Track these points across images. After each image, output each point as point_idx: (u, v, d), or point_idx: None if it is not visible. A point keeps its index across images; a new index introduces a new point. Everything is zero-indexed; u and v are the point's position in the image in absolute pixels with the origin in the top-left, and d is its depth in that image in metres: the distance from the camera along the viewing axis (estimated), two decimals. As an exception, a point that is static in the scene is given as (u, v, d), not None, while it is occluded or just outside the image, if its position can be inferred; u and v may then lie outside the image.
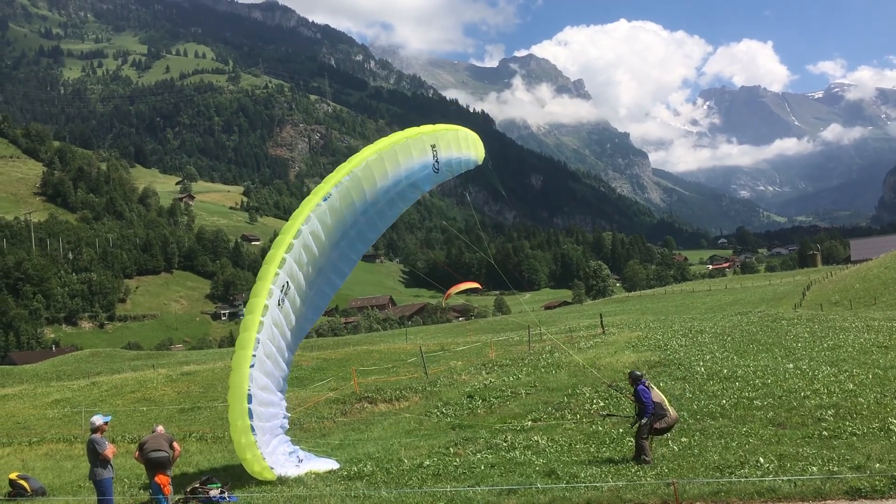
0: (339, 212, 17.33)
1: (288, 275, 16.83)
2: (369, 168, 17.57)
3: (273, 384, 17.52)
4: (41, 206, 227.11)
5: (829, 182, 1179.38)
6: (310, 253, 17.18)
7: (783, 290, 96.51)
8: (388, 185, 17.91)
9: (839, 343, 28.72)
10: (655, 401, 15.27)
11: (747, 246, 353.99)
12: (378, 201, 18.07)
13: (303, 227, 16.98)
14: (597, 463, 15.41)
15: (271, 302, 16.58)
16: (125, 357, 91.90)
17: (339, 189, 17.27)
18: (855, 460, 13.71)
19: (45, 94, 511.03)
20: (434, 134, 18.77)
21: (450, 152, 19.04)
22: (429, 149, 18.46)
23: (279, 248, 16.92)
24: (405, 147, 18.15)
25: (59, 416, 34.17)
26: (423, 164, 18.43)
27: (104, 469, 14.81)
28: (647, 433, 15.20)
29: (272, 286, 16.66)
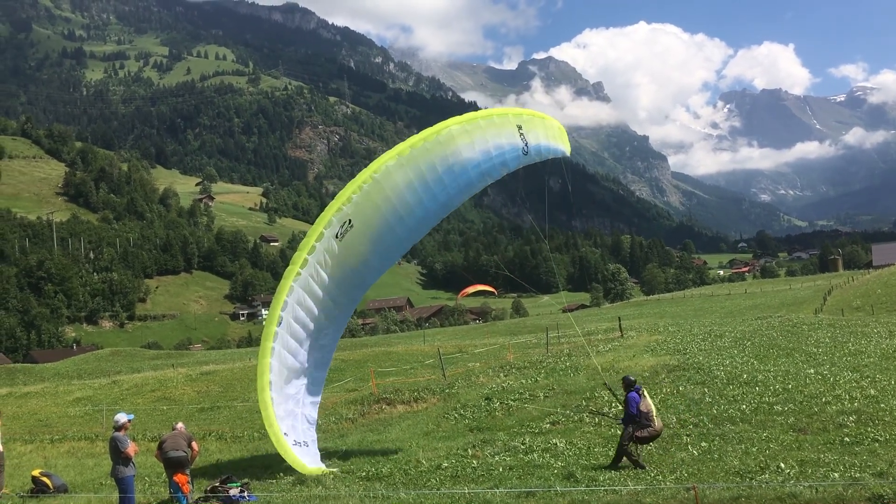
0: (414, 171, 17.12)
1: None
2: (453, 137, 17.36)
3: (295, 374, 17.58)
4: (63, 206, 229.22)
5: (850, 186, 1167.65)
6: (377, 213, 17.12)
7: (804, 294, 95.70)
8: (477, 158, 17.60)
9: (861, 348, 28.47)
10: (643, 410, 15.35)
11: (767, 250, 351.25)
12: (466, 172, 17.68)
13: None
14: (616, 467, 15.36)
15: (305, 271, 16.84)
16: (145, 356, 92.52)
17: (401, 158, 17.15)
18: (877, 466, 13.59)
19: (67, 95, 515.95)
20: (520, 116, 18.57)
21: (538, 138, 18.79)
22: (515, 129, 18.18)
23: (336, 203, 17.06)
24: (491, 123, 17.97)
25: (80, 414, 34.48)
26: (513, 145, 18.14)
27: (126, 467, 14.96)
28: (627, 440, 15.32)
29: (308, 256, 16.81)
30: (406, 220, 17.46)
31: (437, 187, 17.41)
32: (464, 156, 17.36)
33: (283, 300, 16.75)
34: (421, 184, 17.17)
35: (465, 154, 17.38)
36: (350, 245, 16.84)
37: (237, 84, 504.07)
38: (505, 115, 18.28)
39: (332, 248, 16.75)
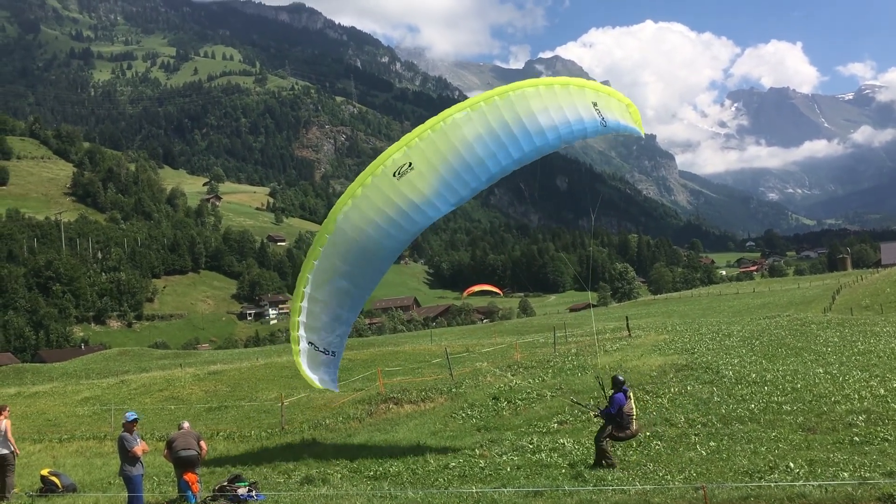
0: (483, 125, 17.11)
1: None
2: (526, 98, 17.32)
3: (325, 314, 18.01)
4: (71, 206, 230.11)
5: (859, 185, 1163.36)
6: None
7: (812, 293, 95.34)
8: (554, 122, 17.58)
9: (870, 348, 28.35)
10: (625, 412, 15.44)
11: (775, 249, 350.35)
12: (542, 134, 17.60)
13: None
14: (624, 466, 15.33)
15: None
16: (153, 356, 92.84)
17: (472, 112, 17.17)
18: (887, 466, 13.52)
19: (75, 95, 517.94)
20: (596, 93, 18.48)
21: (614, 116, 18.75)
22: (591, 105, 18.14)
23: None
24: (568, 92, 17.90)
25: (88, 413, 34.59)
26: (592, 118, 18.14)
27: (133, 466, 15.01)
28: (604, 438, 15.52)
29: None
30: (475, 171, 17.32)
31: (510, 143, 17.34)
32: (539, 119, 17.36)
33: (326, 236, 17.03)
34: (491, 138, 17.12)
35: (541, 118, 17.38)
36: (409, 183, 16.75)
37: (244, 84, 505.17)
38: (582, 88, 18.24)
39: (390, 185, 16.70)
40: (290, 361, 44.63)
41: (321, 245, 17.02)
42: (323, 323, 17.83)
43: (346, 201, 16.84)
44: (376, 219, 16.93)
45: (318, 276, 17.15)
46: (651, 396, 22.16)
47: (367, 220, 16.93)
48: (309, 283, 17.20)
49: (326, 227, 17.02)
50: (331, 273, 17.23)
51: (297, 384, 37.60)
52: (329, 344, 18.24)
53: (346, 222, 16.87)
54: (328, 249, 16.98)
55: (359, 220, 16.85)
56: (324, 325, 17.90)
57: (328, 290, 17.43)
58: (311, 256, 17.21)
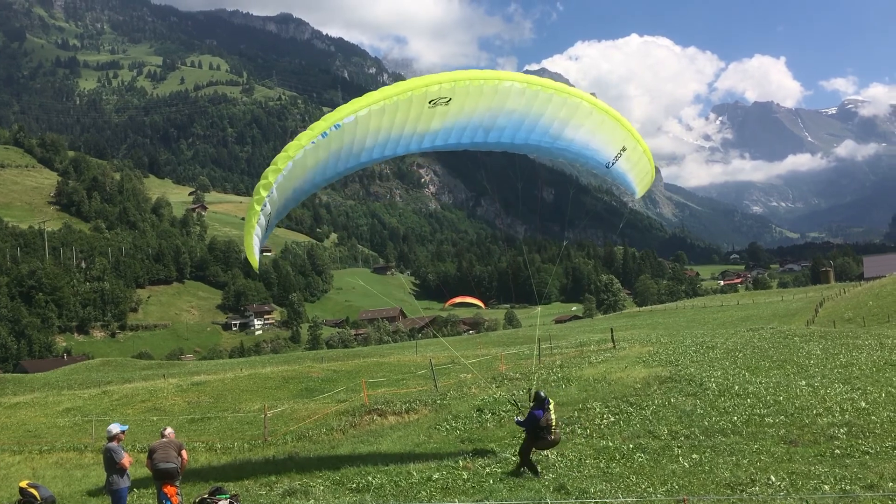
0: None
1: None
2: (571, 107, 17.58)
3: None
4: (55, 215, 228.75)
5: (842, 198, 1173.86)
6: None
7: (795, 306, 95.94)
8: (573, 136, 17.91)
9: (852, 361, 28.51)
10: (542, 424, 16.12)
11: (759, 262, 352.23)
12: (552, 140, 17.98)
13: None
14: (607, 479, 15.32)
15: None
16: (136, 366, 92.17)
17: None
18: (868, 479, 13.58)
19: (60, 104, 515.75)
20: (629, 138, 18.47)
21: (626, 168, 18.85)
22: (619, 147, 18.28)
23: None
24: (602, 122, 17.98)
25: (69, 424, 34.24)
26: (605, 153, 18.31)
27: (121, 478, 14.86)
28: (526, 447, 16.41)
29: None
30: (491, 134, 17.84)
31: (533, 128, 17.85)
32: (565, 131, 17.84)
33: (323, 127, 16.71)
34: (522, 117, 17.55)
35: (568, 130, 17.84)
36: (437, 113, 16.96)
37: (231, 94, 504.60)
38: (627, 131, 18.33)
39: (419, 107, 16.80)
40: (273, 372, 44.51)
41: (328, 126, 16.59)
42: (286, 195, 17.45)
43: (375, 103, 16.65)
44: (391, 129, 17.09)
45: (309, 156, 16.74)
46: (635, 408, 22.18)
47: (382, 129, 17.02)
48: (301, 155, 16.65)
49: (338, 116, 16.69)
50: (322, 156, 17.03)
51: (281, 395, 37.46)
52: (274, 216, 17.70)
53: (365, 122, 16.74)
54: (331, 136, 16.63)
55: (376, 125, 16.88)
56: (285, 197, 17.51)
57: (307, 172, 17.21)
58: (313, 130, 16.75)
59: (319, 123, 16.76)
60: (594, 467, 16.45)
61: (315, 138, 16.43)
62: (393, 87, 16.92)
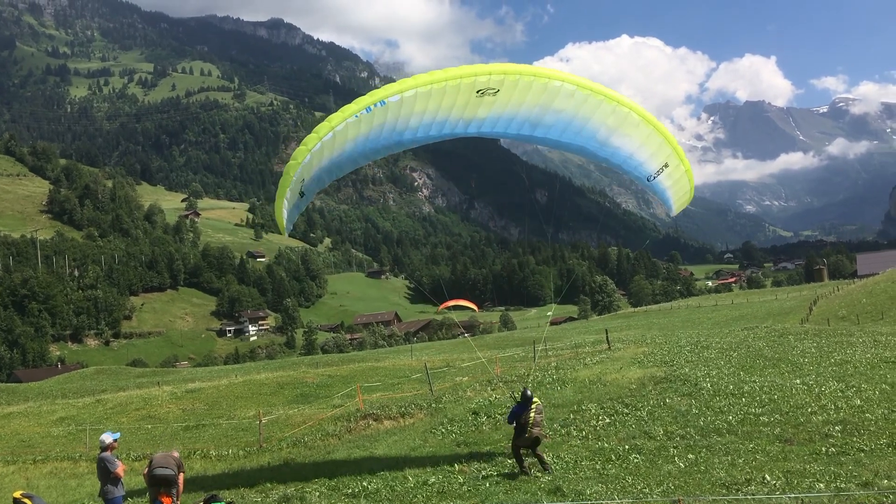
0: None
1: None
2: (621, 116, 17.64)
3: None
4: (47, 223, 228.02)
5: (834, 196, 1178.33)
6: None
7: (789, 304, 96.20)
8: (618, 143, 18.00)
9: (846, 358, 28.56)
10: (521, 422, 16.30)
11: (753, 261, 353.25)
12: (601, 145, 18.06)
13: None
14: (602, 480, 15.31)
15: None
16: (130, 374, 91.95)
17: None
18: (863, 477, 13.59)
19: (51, 112, 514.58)
20: (673, 154, 18.54)
21: (666, 184, 18.98)
22: (663, 161, 18.40)
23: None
24: (650, 134, 18.03)
25: (63, 433, 34.11)
26: (647, 165, 18.42)
27: (115, 487, 14.79)
28: (512, 447, 16.67)
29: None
30: (538, 129, 17.89)
31: (575, 129, 17.92)
32: (612, 138, 17.95)
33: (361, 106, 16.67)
34: (568, 115, 17.59)
35: (614, 138, 17.94)
36: (483, 103, 17.04)
37: (222, 100, 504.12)
38: (672, 148, 18.44)
39: (468, 95, 16.85)
40: (268, 378, 44.43)
41: (372, 102, 16.56)
42: (322, 166, 17.54)
43: (423, 85, 16.64)
44: (436, 113, 17.08)
45: (350, 128, 16.79)
46: (630, 409, 22.17)
47: (427, 111, 17.01)
48: (342, 126, 16.72)
49: (385, 93, 16.73)
50: (363, 130, 17.02)
51: (276, 401, 37.38)
52: (308, 187, 17.83)
53: (410, 102, 16.71)
54: (376, 111, 16.60)
55: (422, 107, 16.86)
56: (322, 167, 17.61)
57: (345, 143, 17.23)
58: (357, 104, 16.71)
59: (364, 98, 16.78)
60: (590, 469, 16.44)
61: (358, 112, 16.47)
62: (442, 72, 16.96)
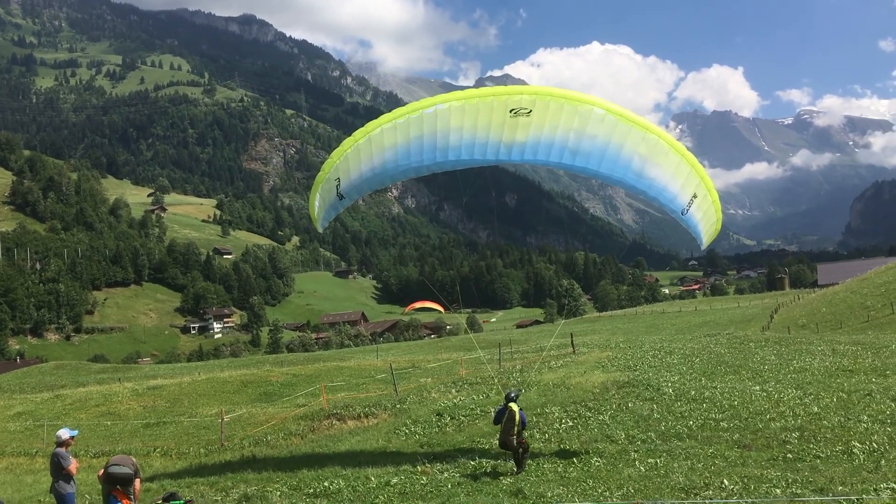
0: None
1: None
2: (651, 143, 17.57)
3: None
4: (9, 215, 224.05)
5: (797, 207, 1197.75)
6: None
7: (751, 312, 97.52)
8: (651, 174, 17.83)
9: (805, 366, 29.02)
10: (500, 423, 16.60)
11: (717, 268, 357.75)
12: (635, 176, 17.86)
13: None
14: (564, 483, 15.39)
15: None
16: (91, 370, 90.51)
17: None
18: (818, 483, 13.81)
19: (16, 102, 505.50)
20: (701, 184, 18.27)
21: (697, 217, 18.67)
22: (691, 194, 18.13)
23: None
24: (679, 165, 17.90)
25: (20, 429, 33.56)
26: (679, 197, 18.22)
27: (67, 483, 14.57)
28: (500, 446, 16.85)
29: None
30: (578, 158, 17.64)
31: (613, 166, 17.74)
32: (646, 169, 17.73)
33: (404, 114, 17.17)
34: (603, 144, 17.43)
35: (648, 168, 17.72)
36: (517, 124, 17.00)
37: (192, 95, 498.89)
38: (700, 178, 18.27)
39: (501, 114, 16.93)
40: (231, 376, 44.07)
41: (408, 114, 17.10)
42: (359, 170, 17.92)
43: (457, 101, 17.01)
44: (469, 130, 17.12)
45: (387, 135, 17.29)
46: (592, 413, 22.32)
47: (461, 128, 17.11)
48: (378, 132, 17.35)
49: (422, 105, 17.18)
50: (399, 140, 17.31)
51: (240, 400, 37.08)
52: (347, 190, 18.36)
53: (445, 116, 16.98)
54: (412, 122, 17.06)
55: (456, 122, 17.02)
56: (359, 172, 17.98)
57: (385, 151, 17.55)
58: (394, 115, 17.36)
59: (401, 109, 17.36)
60: (552, 471, 16.53)
61: (394, 120, 17.15)
62: (474, 90, 17.43)
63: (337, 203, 18.64)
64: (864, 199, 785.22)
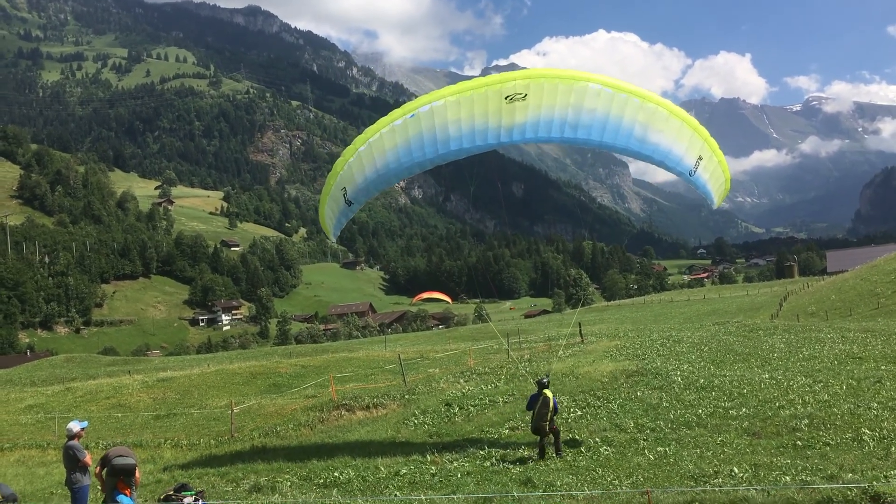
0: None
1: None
2: (651, 112, 17.71)
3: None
4: (18, 209, 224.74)
5: (806, 194, 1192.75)
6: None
7: (760, 300, 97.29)
8: (655, 139, 18.00)
9: (815, 354, 28.95)
10: (533, 409, 16.82)
11: (725, 256, 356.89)
12: (638, 141, 18.02)
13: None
14: (573, 471, 15.41)
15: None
16: (101, 362, 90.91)
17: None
18: (828, 470, 13.79)
19: (23, 96, 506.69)
20: (705, 146, 18.47)
21: (706, 178, 18.96)
22: (696, 156, 18.36)
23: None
24: (681, 128, 18.09)
25: (32, 422, 33.75)
26: (686, 161, 18.39)
27: (83, 476, 14.66)
28: (532, 431, 17.02)
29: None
30: (580, 131, 17.78)
31: (616, 135, 17.92)
32: (648, 135, 17.93)
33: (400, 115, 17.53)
34: (602, 116, 17.62)
35: (650, 134, 17.92)
36: (513, 109, 17.21)
37: (198, 87, 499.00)
38: (704, 140, 18.46)
39: (497, 103, 17.16)
40: (240, 368, 44.22)
41: (403, 115, 17.44)
42: (363, 176, 18.31)
43: (451, 95, 17.22)
44: (467, 121, 17.35)
45: (385, 138, 17.61)
46: (602, 402, 22.33)
47: (459, 120, 17.33)
48: (377, 137, 17.68)
49: (415, 105, 17.52)
50: (398, 141, 17.63)
51: (249, 391, 37.21)
52: (354, 196, 18.76)
53: (441, 112, 17.24)
54: (408, 123, 17.38)
55: (453, 116, 17.26)
56: (363, 177, 18.36)
57: (387, 154, 17.86)
58: (389, 118, 17.65)
59: (396, 112, 17.71)
60: (561, 460, 16.55)
61: (391, 123, 17.46)
62: (468, 82, 17.58)
63: (346, 210, 19.03)
64: (874, 186, 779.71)
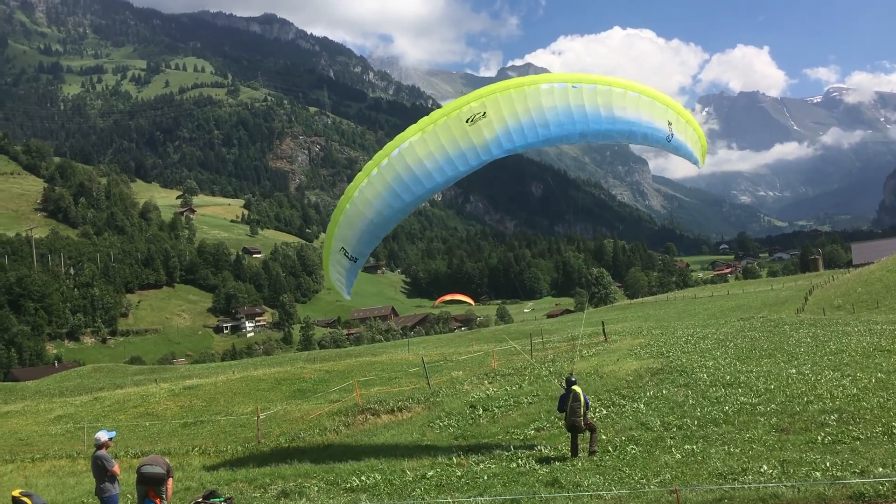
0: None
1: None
2: (613, 93, 18.15)
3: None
4: (42, 221, 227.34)
5: (829, 186, 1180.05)
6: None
7: (785, 294, 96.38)
8: (630, 118, 18.40)
9: (842, 347, 28.64)
10: (565, 408, 17.13)
11: (749, 251, 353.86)
12: (616, 123, 18.39)
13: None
14: (600, 471, 15.37)
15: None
16: (127, 372, 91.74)
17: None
18: (858, 465, 13.66)
19: (44, 110, 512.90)
20: (672, 111, 19.07)
21: (684, 139, 19.50)
22: (666, 123, 18.83)
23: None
24: (653, 104, 18.64)
25: (61, 432, 34.09)
26: (662, 129, 18.85)
27: (112, 485, 14.77)
28: (567, 429, 17.31)
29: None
30: (538, 129, 17.95)
31: (586, 122, 18.21)
32: (615, 112, 18.30)
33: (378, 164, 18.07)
34: (564, 112, 17.90)
35: (617, 112, 18.30)
36: (478, 129, 17.55)
37: (216, 96, 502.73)
38: (665, 105, 19.02)
39: (460, 130, 17.56)
40: (265, 374, 44.43)
41: (377, 165, 18.00)
42: (357, 230, 18.86)
43: (414, 134, 17.78)
44: (437, 155, 17.73)
45: (366, 191, 18.16)
46: (627, 401, 22.24)
47: (429, 155, 17.76)
48: (358, 193, 18.26)
49: (385, 152, 18.02)
50: (380, 190, 18.13)
51: (274, 397, 37.38)
52: (356, 251, 19.30)
53: (410, 153, 17.76)
54: (382, 171, 17.93)
55: (422, 153, 17.70)
56: (358, 232, 18.92)
57: (372, 204, 18.37)
58: (365, 171, 18.26)
59: (370, 164, 18.39)
60: (587, 460, 16.50)
61: (367, 176, 18.12)
62: (427, 117, 18.13)
63: (353, 266, 19.65)
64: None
